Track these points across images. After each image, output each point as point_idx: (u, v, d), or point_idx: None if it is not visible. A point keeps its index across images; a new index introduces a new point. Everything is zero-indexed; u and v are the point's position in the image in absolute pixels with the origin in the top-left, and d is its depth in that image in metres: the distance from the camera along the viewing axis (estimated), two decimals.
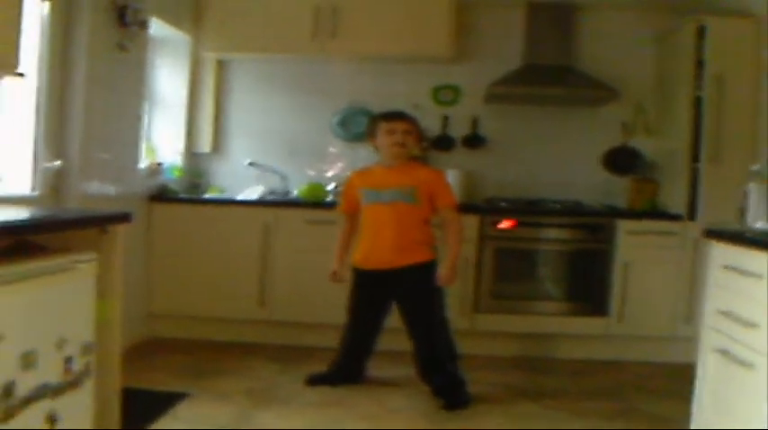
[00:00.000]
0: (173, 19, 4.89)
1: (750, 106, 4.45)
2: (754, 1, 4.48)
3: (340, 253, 3.93)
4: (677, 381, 3.95)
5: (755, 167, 2.98)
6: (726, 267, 2.74)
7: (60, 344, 2.34)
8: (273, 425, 3.33)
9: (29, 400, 2.16)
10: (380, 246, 3.73)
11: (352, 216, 3.92)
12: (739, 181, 2.97)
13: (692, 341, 3.05)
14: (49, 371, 2.28)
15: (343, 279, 3.92)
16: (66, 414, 2.37)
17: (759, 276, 2.47)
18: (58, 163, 3.74)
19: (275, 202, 4.89)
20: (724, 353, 2.70)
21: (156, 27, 4.68)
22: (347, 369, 3.94)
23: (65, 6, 3.76)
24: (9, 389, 2.07)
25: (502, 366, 4.43)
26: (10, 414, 2.07)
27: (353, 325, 3.91)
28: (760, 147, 4.36)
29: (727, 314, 2.68)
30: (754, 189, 2.89)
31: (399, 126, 3.76)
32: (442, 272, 3.68)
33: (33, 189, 3.66)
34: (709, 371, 2.86)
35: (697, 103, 4.52)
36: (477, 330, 4.59)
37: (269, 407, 3.55)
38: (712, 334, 2.84)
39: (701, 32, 4.50)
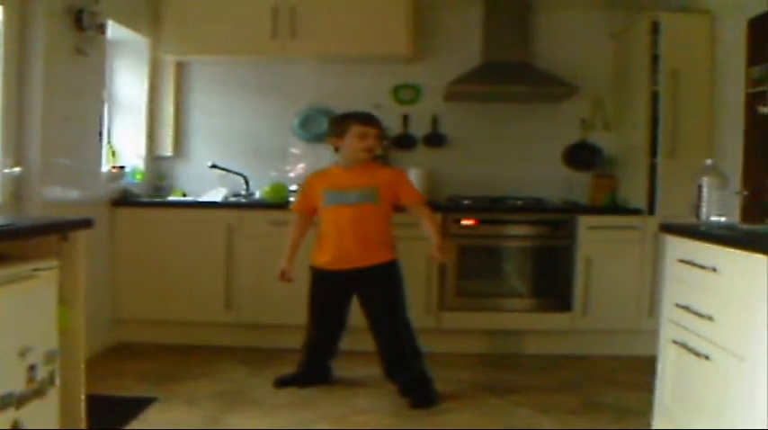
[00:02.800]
0: (130, 21, 4.85)
1: (705, 101, 4.54)
2: None
3: (290, 252, 3.94)
4: (642, 374, 3.98)
5: (708, 162, 3.05)
6: (681, 261, 2.80)
7: (23, 352, 2.33)
8: (244, 427, 3.33)
9: None
10: (344, 247, 3.74)
11: (307, 215, 3.94)
12: (696, 175, 3.03)
13: (655, 334, 3.10)
14: (13, 381, 2.27)
15: (291, 278, 3.93)
16: (32, 423, 2.36)
17: (713, 269, 2.53)
18: (17, 169, 3.69)
19: (238, 204, 4.88)
20: (682, 345, 2.76)
21: (114, 30, 4.63)
22: (314, 369, 3.96)
23: (19, 11, 3.72)
24: None
25: (468, 363, 4.46)
26: None
27: (317, 325, 3.92)
28: (715, 141, 4.45)
29: (683, 307, 2.74)
30: (706, 183, 2.96)
31: (372, 131, 3.78)
32: (435, 249, 3.68)
33: None
34: (668, 364, 2.92)
35: (654, 98, 4.59)
36: (442, 328, 4.63)
37: (238, 410, 3.55)
38: (671, 326, 2.90)
39: (655, 28, 4.57)
